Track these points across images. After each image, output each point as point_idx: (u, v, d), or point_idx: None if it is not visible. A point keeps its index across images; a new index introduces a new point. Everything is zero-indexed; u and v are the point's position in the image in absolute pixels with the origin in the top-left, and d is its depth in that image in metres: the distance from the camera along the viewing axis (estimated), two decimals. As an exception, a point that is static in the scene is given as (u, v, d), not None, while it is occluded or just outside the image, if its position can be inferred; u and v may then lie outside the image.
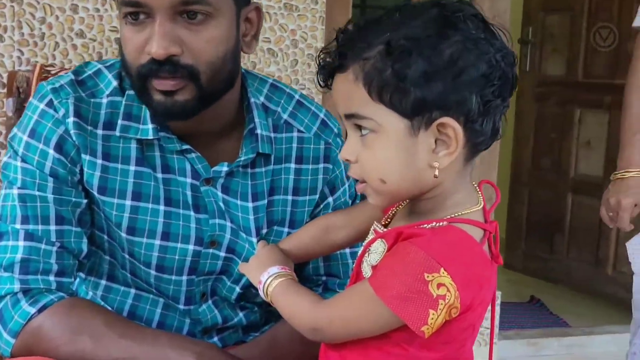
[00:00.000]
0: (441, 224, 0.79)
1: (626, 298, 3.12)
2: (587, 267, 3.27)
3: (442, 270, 0.74)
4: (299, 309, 0.85)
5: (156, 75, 0.94)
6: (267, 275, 0.91)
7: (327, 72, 0.82)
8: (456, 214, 0.80)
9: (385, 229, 0.86)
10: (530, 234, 3.58)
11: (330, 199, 1.14)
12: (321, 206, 1.13)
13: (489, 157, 2.49)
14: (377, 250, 0.82)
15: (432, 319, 0.75)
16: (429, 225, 0.79)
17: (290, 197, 1.11)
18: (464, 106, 0.76)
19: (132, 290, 1.09)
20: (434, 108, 0.75)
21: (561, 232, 3.40)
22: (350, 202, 1.17)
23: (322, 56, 0.82)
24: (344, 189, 1.15)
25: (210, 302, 1.10)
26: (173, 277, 1.06)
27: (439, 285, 0.74)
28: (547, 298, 3.27)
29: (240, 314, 1.13)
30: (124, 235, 1.03)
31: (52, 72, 1.55)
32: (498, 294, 2.46)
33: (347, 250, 1.14)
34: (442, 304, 0.74)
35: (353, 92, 0.78)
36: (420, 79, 0.75)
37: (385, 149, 0.78)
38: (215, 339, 1.12)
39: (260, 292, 0.91)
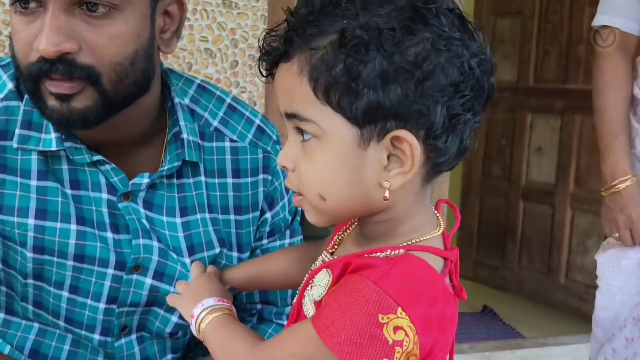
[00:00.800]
0: (397, 252, 0.66)
1: (579, 307, 3.11)
2: (539, 276, 3.22)
3: (399, 310, 0.61)
4: (233, 352, 0.72)
5: (48, 76, 0.79)
6: (200, 308, 0.77)
7: (272, 59, 0.67)
8: (413, 241, 0.68)
9: (331, 257, 0.73)
10: (482, 242, 3.51)
11: (268, 215, 1.00)
12: (258, 223, 0.99)
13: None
14: (320, 283, 0.69)
15: None
16: (383, 254, 0.67)
17: (232, 217, 0.97)
18: (426, 118, 0.63)
19: (35, 325, 0.93)
20: (390, 117, 0.62)
21: (513, 240, 3.35)
22: (289, 218, 1.04)
23: (267, 39, 0.67)
24: (283, 204, 1.02)
25: (133, 336, 0.95)
26: (88, 302, 0.91)
27: (396, 328, 0.61)
28: (500, 307, 3.20)
29: (169, 356, 0.98)
30: (30, 254, 0.87)
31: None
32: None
33: None
34: (399, 351, 0.61)
35: (296, 88, 0.65)
36: (376, 80, 0.61)
37: (328, 160, 0.65)
38: (136, 380, 0.97)
39: (192, 328, 0.78)
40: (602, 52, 1.49)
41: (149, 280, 0.92)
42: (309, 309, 0.70)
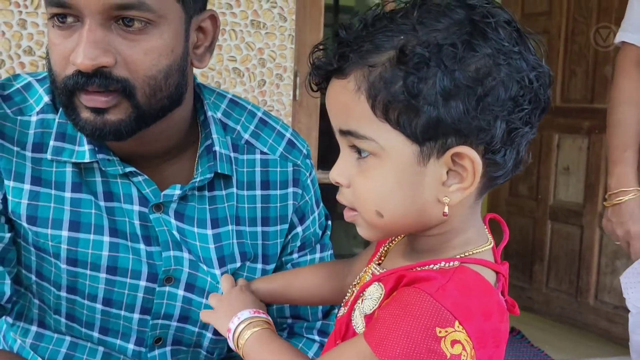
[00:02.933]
0: (452, 264, 0.66)
1: (608, 328, 3.06)
2: (567, 297, 3.17)
3: (456, 323, 0.60)
4: None
5: (84, 89, 0.80)
6: (237, 322, 0.77)
7: (323, 73, 0.66)
8: (467, 253, 0.67)
9: (381, 270, 0.72)
10: (509, 262, 3.45)
11: (299, 229, 1.01)
12: (289, 237, 1.00)
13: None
14: (372, 296, 0.68)
15: None
16: (437, 266, 0.66)
17: (259, 229, 0.97)
18: (487, 133, 0.62)
19: (67, 338, 0.95)
20: (450, 133, 0.62)
21: (540, 260, 3.31)
22: (320, 232, 1.04)
23: (317, 53, 0.67)
24: (314, 218, 1.02)
25: (167, 349, 0.96)
26: (122, 313, 0.92)
27: (453, 342, 0.60)
28: (528, 329, 3.15)
29: None
30: (63, 266, 0.88)
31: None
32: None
33: None
34: None
35: (353, 105, 0.64)
36: (437, 97, 0.60)
37: (386, 177, 0.64)
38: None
39: (230, 343, 0.77)
40: (619, 69, 1.50)
41: (181, 292, 0.92)
42: (358, 324, 0.69)
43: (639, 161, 1.50)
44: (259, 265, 0.98)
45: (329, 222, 1.07)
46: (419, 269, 0.66)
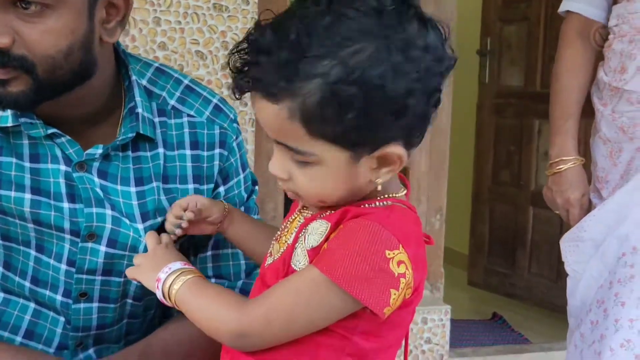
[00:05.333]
0: (385, 203, 0.74)
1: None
2: (549, 282, 3.18)
3: (401, 247, 0.70)
4: (220, 312, 0.73)
5: None
6: (167, 272, 0.78)
7: (248, 90, 0.72)
8: (393, 195, 0.76)
9: (309, 213, 0.79)
10: (492, 250, 3.49)
11: (221, 189, 1.04)
12: (213, 196, 1.03)
13: (438, 168, 2.42)
14: (316, 231, 0.74)
15: (394, 299, 0.70)
16: (373, 205, 0.74)
17: (191, 186, 1.01)
18: (407, 132, 0.72)
19: (1, 294, 0.98)
20: (377, 139, 0.71)
21: (523, 246, 3.32)
22: (245, 196, 1.07)
23: (235, 69, 0.72)
24: (239, 180, 1.05)
25: (95, 305, 0.98)
26: (52, 262, 0.95)
27: (399, 262, 0.69)
28: (510, 315, 3.17)
29: (124, 321, 1.02)
30: None
31: None
32: (448, 308, 2.37)
33: (240, 250, 1.04)
34: (403, 282, 0.70)
35: (287, 127, 0.70)
36: (364, 115, 0.68)
37: (325, 178, 0.73)
38: (91, 351, 1.00)
39: (159, 295, 0.79)
40: (563, 38, 1.52)
41: (103, 248, 0.95)
42: (300, 261, 0.74)
43: (579, 130, 1.53)
44: None
45: (256, 187, 1.10)
46: (362, 206, 0.74)
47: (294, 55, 0.67)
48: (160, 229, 0.95)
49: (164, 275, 0.79)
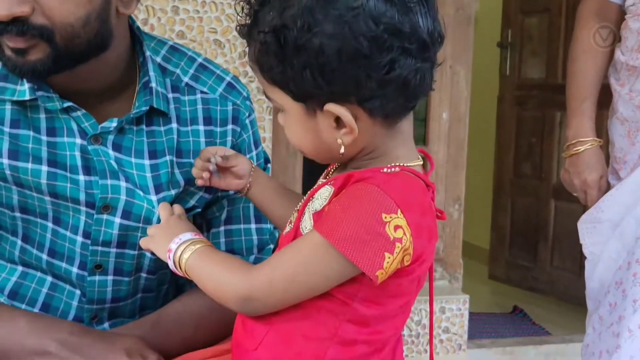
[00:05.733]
0: (394, 169, 0.75)
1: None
2: (571, 275, 3.15)
3: (399, 211, 0.70)
4: (226, 277, 0.76)
5: (2, 34, 0.85)
6: (178, 242, 0.81)
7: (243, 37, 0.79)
8: (402, 164, 0.76)
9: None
10: (514, 243, 3.46)
11: None
12: None
13: (456, 157, 2.41)
14: (321, 196, 0.76)
15: (388, 262, 0.69)
16: (382, 171, 0.74)
17: None
18: (351, 90, 0.71)
19: (19, 268, 1.01)
20: (320, 94, 0.72)
21: (545, 240, 3.29)
22: (262, 167, 1.08)
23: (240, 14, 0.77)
24: (251, 157, 1.06)
25: (109, 278, 1.00)
26: (68, 234, 0.97)
27: (396, 227, 0.69)
28: (531, 308, 3.14)
29: (139, 295, 1.03)
30: (13, 187, 0.94)
31: None
32: (467, 297, 2.36)
33: (253, 226, 1.04)
34: (398, 247, 0.69)
35: (255, 71, 0.77)
36: (292, 67, 0.71)
37: (292, 126, 0.77)
38: (106, 324, 1.02)
39: (171, 264, 0.81)
40: (579, 19, 1.50)
41: (117, 220, 0.97)
42: (307, 225, 0.75)
43: (597, 112, 1.51)
44: (201, 193, 1.02)
45: (269, 165, 1.11)
46: (367, 171, 0.75)
47: (258, 7, 0.73)
48: (173, 202, 0.96)
49: (174, 245, 0.80)
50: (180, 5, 1.92)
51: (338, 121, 0.73)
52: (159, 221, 0.92)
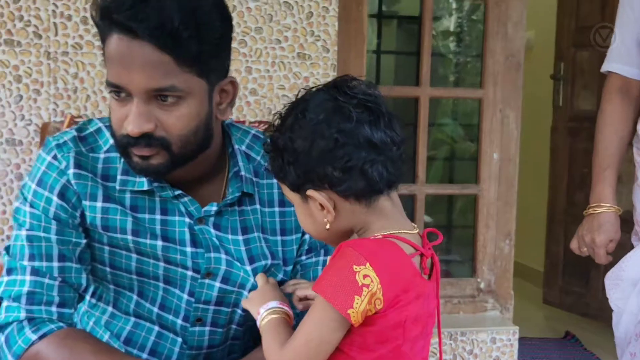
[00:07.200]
0: (377, 237, 0.94)
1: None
2: (623, 303, 3.22)
3: (367, 264, 0.87)
4: (271, 348, 0.96)
5: (133, 145, 1.08)
6: (265, 308, 1.02)
7: None
8: (388, 232, 0.94)
9: None
10: (567, 269, 3.56)
11: (307, 236, 1.25)
12: (299, 243, 1.25)
13: (506, 195, 2.55)
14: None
15: (357, 303, 0.87)
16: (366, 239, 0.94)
17: (279, 238, 1.23)
18: (322, 179, 0.93)
19: (132, 319, 1.23)
20: (305, 184, 0.94)
21: (597, 267, 3.37)
22: (324, 241, 1.28)
23: None
24: None
25: (207, 328, 1.22)
26: (177, 292, 1.19)
27: (365, 276, 0.88)
28: (583, 334, 3.24)
29: (228, 342, 1.25)
30: (134, 255, 1.17)
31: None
32: (516, 329, 2.49)
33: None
34: (365, 291, 0.87)
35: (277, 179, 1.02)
36: (287, 165, 0.94)
37: (299, 214, 0.99)
38: (201, 362, 1.24)
39: (257, 323, 1.03)
40: (605, 94, 1.65)
41: (218, 284, 1.19)
42: None
43: (618, 179, 1.64)
44: (282, 265, 1.23)
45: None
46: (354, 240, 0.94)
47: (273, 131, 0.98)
48: (265, 271, 1.18)
49: (262, 310, 1.03)
50: (253, 65, 2.15)
51: (322, 205, 0.93)
52: (253, 287, 1.15)
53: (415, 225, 0.99)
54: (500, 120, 2.53)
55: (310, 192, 0.94)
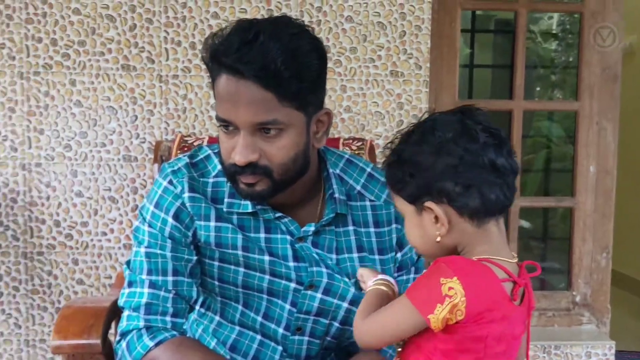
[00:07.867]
0: (473, 258, 0.99)
1: None
2: None
3: (455, 278, 0.93)
4: (360, 313, 1.05)
5: (240, 174, 1.19)
6: (376, 278, 1.11)
7: None
8: (485, 257, 0.99)
9: None
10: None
11: (398, 254, 1.33)
12: (393, 261, 1.32)
13: (604, 207, 2.52)
14: None
15: (438, 310, 0.93)
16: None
17: (377, 257, 1.32)
18: (443, 192, 0.98)
19: (237, 328, 1.34)
20: (422, 195, 1.00)
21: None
22: (415, 258, 1.35)
23: None
24: (410, 247, 1.34)
25: (305, 338, 1.32)
26: (280, 302, 1.30)
27: (450, 288, 0.94)
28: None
29: (322, 352, 1.34)
30: (241, 270, 1.28)
31: (189, 142, 1.88)
32: (612, 343, 2.46)
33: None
34: (447, 300, 0.93)
35: (391, 192, 1.07)
36: (409, 179, 1.00)
37: (409, 226, 1.05)
38: (300, 371, 1.34)
39: (364, 289, 1.12)
40: None
41: (319, 295, 1.29)
42: None
43: None
44: None
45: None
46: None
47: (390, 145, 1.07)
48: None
49: (370, 282, 1.11)
50: (347, 84, 2.24)
51: (437, 218, 0.98)
52: (354, 297, 1.27)
53: (515, 255, 1.03)
54: (597, 132, 2.50)
55: (429, 203, 0.99)
